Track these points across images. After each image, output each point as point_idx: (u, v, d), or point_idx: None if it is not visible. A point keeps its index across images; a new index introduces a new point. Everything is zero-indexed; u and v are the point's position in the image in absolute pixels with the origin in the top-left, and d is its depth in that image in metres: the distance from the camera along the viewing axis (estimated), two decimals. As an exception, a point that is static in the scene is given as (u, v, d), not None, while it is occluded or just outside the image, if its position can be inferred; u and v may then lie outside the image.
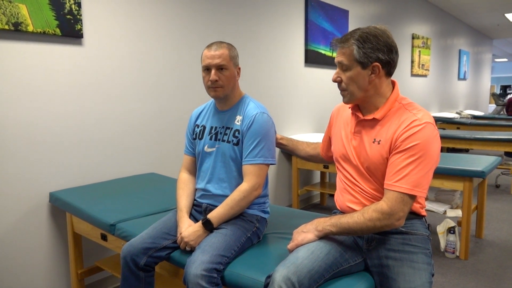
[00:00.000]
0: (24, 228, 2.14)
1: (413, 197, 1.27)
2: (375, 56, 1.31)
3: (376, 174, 1.36)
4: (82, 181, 2.35)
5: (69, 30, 2.18)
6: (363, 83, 1.34)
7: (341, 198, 1.48)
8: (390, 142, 1.31)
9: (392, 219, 1.25)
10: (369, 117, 1.38)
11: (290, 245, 1.35)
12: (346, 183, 1.45)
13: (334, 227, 1.30)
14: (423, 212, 1.43)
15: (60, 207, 2.14)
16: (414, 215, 1.40)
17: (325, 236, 1.33)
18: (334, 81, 1.38)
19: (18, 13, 1.98)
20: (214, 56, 1.55)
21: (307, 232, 1.34)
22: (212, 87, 1.58)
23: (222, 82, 1.57)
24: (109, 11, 2.40)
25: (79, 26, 2.23)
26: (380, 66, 1.32)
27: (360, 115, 1.41)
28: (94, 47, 2.35)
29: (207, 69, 1.58)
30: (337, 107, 1.61)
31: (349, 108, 1.49)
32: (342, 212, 1.46)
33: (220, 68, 1.56)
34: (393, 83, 1.40)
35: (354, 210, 1.38)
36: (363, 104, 1.40)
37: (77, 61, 2.28)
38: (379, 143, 1.34)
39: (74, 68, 2.27)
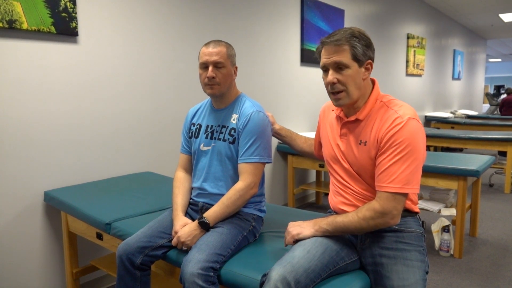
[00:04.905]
0: (19, 227, 2.13)
1: (405, 195, 1.27)
2: (368, 54, 1.32)
3: (365, 175, 1.36)
4: (77, 180, 2.34)
5: (64, 28, 2.17)
6: (360, 82, 1.33)
7: (334, 199, 1.49)
8: (375, 143, 1.31)
9: (386, 217, 1.26)
10: (352, 118, 1.38)
11: (287, 240, 1.38)
12: (337, 186, 1.46)
13: (330, 225, 1.32)
14: (416, 209, 1.43)
15: (55, 206, 2.13)
16: (407, 212, 1.40)
17: (320, 235, 1.34)
18: (331, 82, 1.30)
19: (12, 11, 1.96)
20: (212, 53, 1.55)
21: (304, 228, 1.36)
22: (208, 84, 1.58)
23: (218, 79, 1.56)
24: (105, 9, 2.39)
25: (74, 24, 2.21)
26: (371, 64, 1.34)
27: (344, 117, 1.41)
28: (89, 45, 2.34)
29: (204, 66, 1.58)
30: (323, 108, 1.59)
31: (332, 111, 1.48)
32: (336, 213, 1.46)
33: (217, 65, 1.56)
34: (373, 82, 1.40)
35: (346, 212, 1.38)
36: (348, 106, 1.38)
37: (72, 59, 2.26)
38: (365, 144, 1.33)
39: (69, 67, 2.25)
